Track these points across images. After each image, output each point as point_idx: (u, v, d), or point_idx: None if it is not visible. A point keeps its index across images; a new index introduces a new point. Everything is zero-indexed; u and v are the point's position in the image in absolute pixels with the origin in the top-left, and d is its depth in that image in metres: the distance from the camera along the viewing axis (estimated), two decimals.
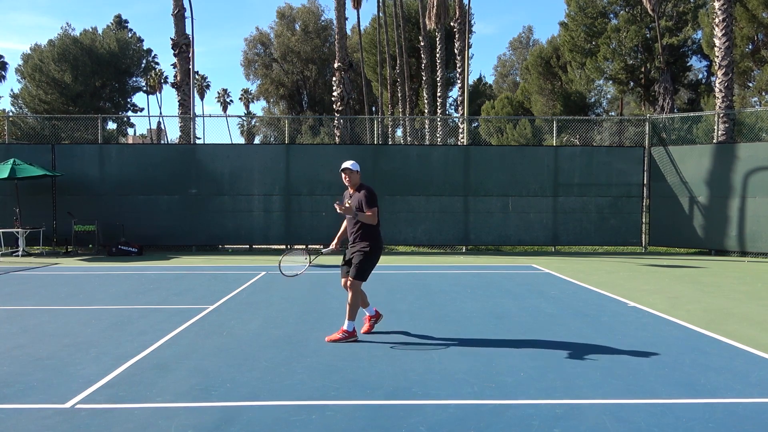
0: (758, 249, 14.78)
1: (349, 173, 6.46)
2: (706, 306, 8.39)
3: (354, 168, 6.47)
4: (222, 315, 7.63)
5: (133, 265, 13.12)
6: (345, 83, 20.06)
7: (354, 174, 6.47)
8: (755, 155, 14.86)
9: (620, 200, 16.38)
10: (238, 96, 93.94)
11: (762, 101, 33.74)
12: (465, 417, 4.19)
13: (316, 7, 59.83)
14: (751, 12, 29.07)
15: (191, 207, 16.14)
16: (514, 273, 12.02)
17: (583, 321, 7.36)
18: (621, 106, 44.20)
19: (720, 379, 5.06)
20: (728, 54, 17.35)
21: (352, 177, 6.48)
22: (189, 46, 20.56)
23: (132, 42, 54.04)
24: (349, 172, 6.46)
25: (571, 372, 5.22)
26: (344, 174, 6.47)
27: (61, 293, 9.44)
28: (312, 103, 61.07)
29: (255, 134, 70.45)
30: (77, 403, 4.44)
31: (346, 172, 6.46)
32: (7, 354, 5.79)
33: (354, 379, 5.00)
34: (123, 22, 59.89)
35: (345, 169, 6.46)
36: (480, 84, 55.54)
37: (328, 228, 16.41)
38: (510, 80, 70.65)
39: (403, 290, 9.71)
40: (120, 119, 54.48)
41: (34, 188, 15.71)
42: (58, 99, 47.05)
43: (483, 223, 16.36)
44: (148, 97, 65.63)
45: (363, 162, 16.39)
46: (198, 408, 4.39)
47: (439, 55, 30.03)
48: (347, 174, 6.46)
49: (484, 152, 17.07)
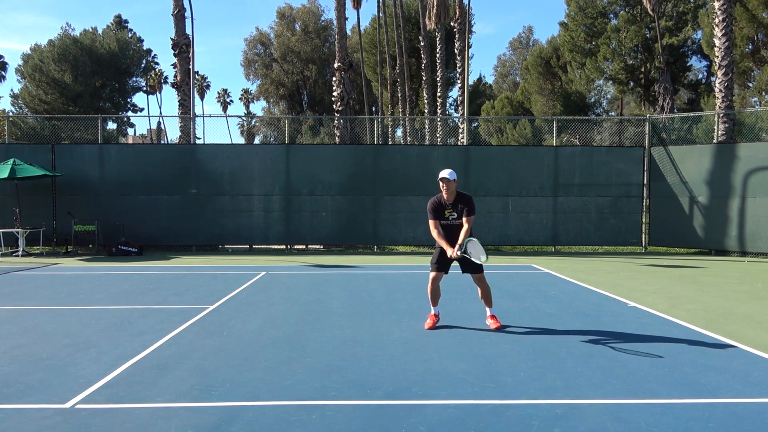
0: (758, 249, 14.78)
1: (448, 183, 6.41)
2: (706, 306, 8.39)
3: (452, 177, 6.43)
4: (222, 315, 7.63)
5: (133, 265, 13.12)
6: (345, 83, 20.05)
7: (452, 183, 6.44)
8: (755, 155, 14.85)
9: (620, 200, 16.38)
10: (238, 96, 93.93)
11: (762, 101, 33.74)
12: (465, 417, 4.19)
13: (316, 7, 59.87)
14: (751, 12, 29.07)
15: (191, 207, 16.14)
16: (514, 273, 12.02)
17: (583, 321, 7.36)
18: (621, 106, 44.20)
19: (720, 379, 5.06)
20: (728, 54, 17.35)
21: (450, 186, 6.43)
22: (189, 46, 20.56)
23: (132, 42, 54.05)
24: (448, 182, 6.40)
25: (571, 372, 5.22)
26: (443, 183, 6.41)
27: (61, 293, 9.44)
28: (312, 103, 61.07)
29: (255, 134, 70.47)
30: (77, 403, 4.44)
31: (445, 182, 6.40)
32: (7, 354, 5.79)
33: (354, 379, 5.00)
34: (123, 22, 59.84)
35: (444, 179, 6.40)
36: (480, 84, 55.55)
37: (328, 228, 16.46)
38: (510, 80, 70.66)
39: (403, 290, 9.70)
40: (120, 119, 54.49)
41: (34, 188, 15.71)
42: (58, 99, 47.06)
43: (483, 223, 16.33)
44: (148, 97, 65.64)
45: (363, 162, 16.46)
46: (198, 408, 4.39)
47: (439, 55, 30.03)
48: (446, 183, 6.40)
49: (484, 152, 17.07)
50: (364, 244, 16.63)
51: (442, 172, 6.54)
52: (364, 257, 14.89)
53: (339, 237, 16.51)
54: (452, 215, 6.57)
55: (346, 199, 16.27)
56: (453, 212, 6.56)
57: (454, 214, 6.56)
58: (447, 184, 6.44)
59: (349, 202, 16.28)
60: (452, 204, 6.56)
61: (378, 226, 16.32)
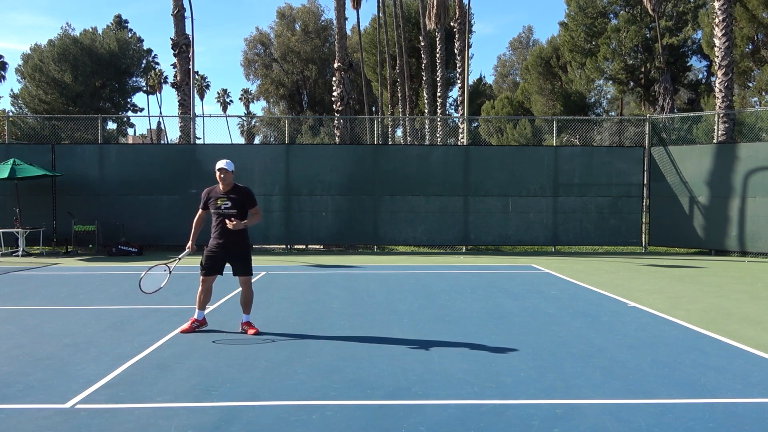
0: (758, 249, 14.78)
1: (225, 173, 6.39)
2: (706, 306, 8.39)
3: (229, 168, 6.43)
4: (222, 315, 7.63)
5: (133, 265, 13.11)
6: (345, 83, 20.05)
7: (230, 174, 6.42)
8: (755, 155, 14.85)
9: (620, 200, 16.38)
10: (238, 96, 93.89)
11: (762, 101, 33.74)
12: (465, 417, 4.19)
13: (316, 7, 59.83)
14: (751, 12, 29.07)
15: (191, 207, 15.97)
16: (514, 273, 12.02)
17: (583, 321, 7.36)
18: (621, 106, 44.20)
19: (720, 379, 5.06)
20: (728, 54, 17.35)
21: (227, 176, 6.40)
22: (189, 46, 20.56)
23: (132, 42, 54.00)
24: (225, 172, 6.40)
25: (571, 372, 5.22)
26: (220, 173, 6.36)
27: (61, 293, 9.44)
28: (312, 103, 61.05)
29: (255, 134, 70.42)
30: (77, 403, 4.44)
31: (222, 172, 6.36)
32: (7, 354, 5.79)
33: (354, 379, 5.00)
34: (123, 22, 59.79)
35: (221, 169, 6.36)
36: (480, 84, 55.51)
37: (328, 228, 16.45)
38: (510, 80, 70.63)
39: (403, 290, 9.70)
40: (120, 119, 54.46)
41: (34, 188, 15.70)
42: (58, 99, 47.03)
43: (483, 223, 16.36)
44: (148, 97, 65.62)
45: (363, 162, 16.46)
46: (198, 408, 4.39)
47: (439, 55, 30.02)
48: (223, 173, 6.36)
49: (484, 152, 17.07)
50: (364, 244, 16.63)
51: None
52: (364, 257, 14.89)
53: (339, 237, 16.51)
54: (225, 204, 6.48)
55: (346, 199, 16.26)
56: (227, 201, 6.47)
57: (227, 203, 6.47)
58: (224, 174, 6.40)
59: (349, 202, 16.27)
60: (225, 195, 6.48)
61: (378, 226, 16.32)
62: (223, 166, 6.42)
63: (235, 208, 6.46)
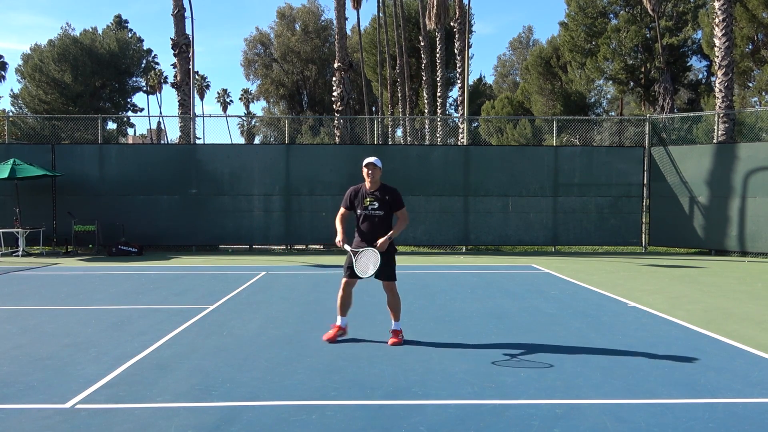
0: (758, 249, 14.78)
1: (373, 168, 6.08)
2: (706, 306, 8.39)
3: (378, 164, 6.11)
4: (222, 315, 7.63)
5: (133, 265, 13.11)
6: (345, 83, 20.05)
7: (378, 171, 6.11)
8: (755, 155, 14.85)
9: (620, 200, 16.38)
10: (238, 96, 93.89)
11: (762, 101, 33.74)
12: (465, 417, 4.19)
13: (316, 7, 59.83)
14: (751, 12, 29.07)
15: (191, 207, 16.13)
16: (514, 273, 12.02)
17: (583, 321, 7.36)
18: (621, 106, 44.20)
19: (720, 379, 5.06)
20: (728, 54, 17.34)
21: (375, 173, 6.11)
22: (189, 46, 20.56)
23: (132, 42, 54.01)
24: (374, 168, 6.08)
25: (571, 372, 5.22)
26: (367, 169, 6.06)
27: (61, 293, 9.44)
28: (312, 103, 61.04)
29: (255, 134, 70.43)
30: (77, 403, 4.44)
31: (370, 167, 6.07)
32: (7, 354, 5.78)
33: (354, 379, 5.00)
34: (123, 22, 59.80)
35: (370, 164, 6.06)
36: (480, 84, 55.55)
37: (328, 228, 16.41)
38: (510, 80, 70.66)
39: (403, 290, 9.64)
40: (120, 119, 54.49)
41: (34, 188, 15.71)
42: (58, 99, 47.03)
43: (483, 223, 16.36)
44: (148, 97, 65.65)
45: (363, 162, 16.43)
46: (198, 408, 4.39)
47: (439, 55, 30.02)
48: (371, 169, 6.06)
49: (484, 152, 17.07)
50: None
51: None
52: None
53: None
54: (372, 205, 6.15)
55: None
56: (374, 202, 6.15)
57: (375, 203, 6.15)
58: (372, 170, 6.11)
59: None
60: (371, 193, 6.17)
61: None
62: (372, 161, 6.08)
63: (382, 209, 6.13)
